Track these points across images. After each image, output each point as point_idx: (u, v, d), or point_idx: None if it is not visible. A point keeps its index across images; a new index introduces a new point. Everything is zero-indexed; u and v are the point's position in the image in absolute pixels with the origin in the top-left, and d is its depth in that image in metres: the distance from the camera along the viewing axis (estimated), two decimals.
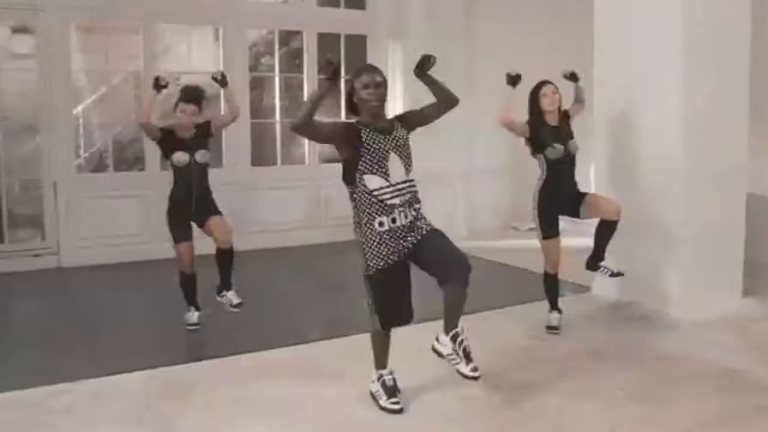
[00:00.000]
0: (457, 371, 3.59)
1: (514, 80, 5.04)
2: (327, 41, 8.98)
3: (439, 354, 3.70)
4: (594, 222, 5.12)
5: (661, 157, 5.50)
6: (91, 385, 4.18)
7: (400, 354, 3.97)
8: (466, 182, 9.35)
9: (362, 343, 4.09)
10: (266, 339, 5.01)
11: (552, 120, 5.03)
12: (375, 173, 3.61)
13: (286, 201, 8.62)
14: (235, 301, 5.20)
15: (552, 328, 5.11)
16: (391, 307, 3.73)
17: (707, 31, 5.41)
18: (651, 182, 5.59)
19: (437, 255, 3.66)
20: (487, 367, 4.28)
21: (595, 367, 4.46)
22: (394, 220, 3.64)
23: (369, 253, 3.68)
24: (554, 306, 5.19)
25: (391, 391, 3.82)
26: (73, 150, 7.88)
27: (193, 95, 5.16)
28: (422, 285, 3.80)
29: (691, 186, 5.45)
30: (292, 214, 8.66)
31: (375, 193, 3.62)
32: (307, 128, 3.59)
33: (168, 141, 5.15)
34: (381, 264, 3.66)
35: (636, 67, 5.65)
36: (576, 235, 6.00)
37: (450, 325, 3.62)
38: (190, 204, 5.16)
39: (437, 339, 3.72)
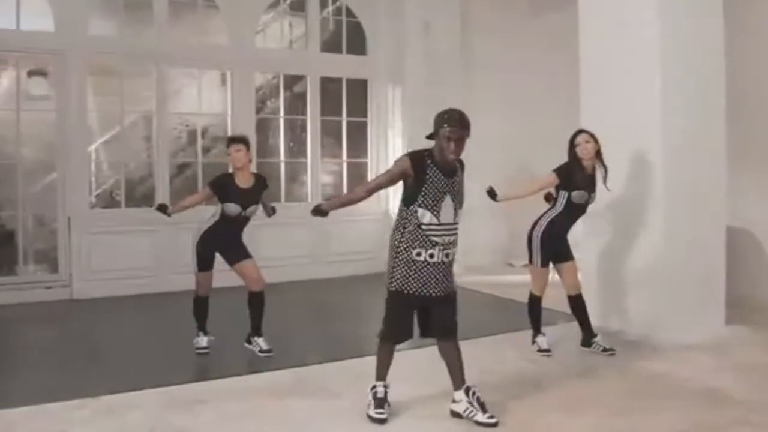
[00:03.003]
0: (475, 422, 3.99)
1: (491, 195, 5.42)
2: (329, 85, 9.42)
3: (458, 415, 4.08)
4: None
5: (643, 193, 5.85)
6: (106, 400, 4.44)
7: (400, 371, 4.26)
8: (464, 220, 9.61)
9: (359, 366, 4.41)
10: (271, 362, 5.30)
11: (588, 168, 5.34)
12: (428, 210, 3.97)
13: (289, 237, 8.93)
14: (265, 347, 5.49)
15: (544, 351, 5.39)
16: (400, 326, 4.08)
17: (684, 72, 5.80)
18: (635, 219, 5.93)
19: (442, 319, 4.07)
20: (482, 386, 4.60)
21: (582, 385, 4.74)
22: (431, 255, 3.99)
23: (397, 274, 4.03)
24: (539, 329, 5.49)
25: (380, 402, 4.10)
26: (86, 187, 8.23)
27: (239, 138, 5.52)
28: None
29: (672, 221, 5.78)
30: (295, 250, 8.97)
31: (423, 227, 3.98)
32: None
33: (226, 187, 5.41)
34: (405, 289, 4.00)
35: (617, 109, 6.02)
36: None
37: (458, 382, 4.08)
38: (224, 242, 5.46)
39: (453, 400, 4.12)
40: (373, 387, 4.15)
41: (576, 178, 5.27)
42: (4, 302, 7.26)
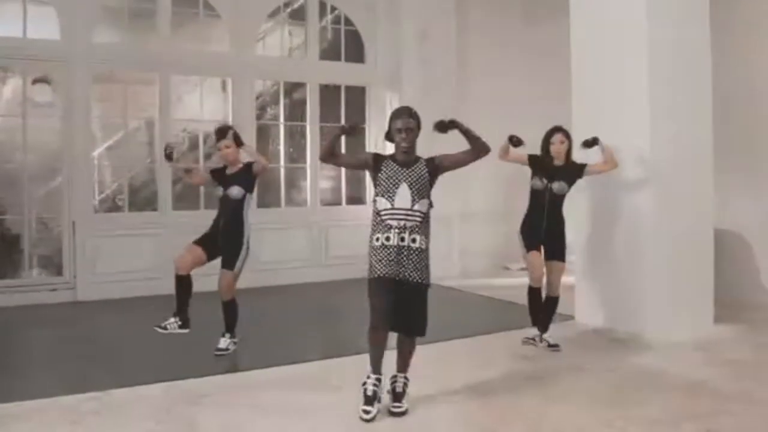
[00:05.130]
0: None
1: (515, 143, 5.55)
2: (328, 92, 9.62)
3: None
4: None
5: (632, 194, 6.04)
6: (115, 393, 4.61)
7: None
8: (461, 225, 9.84)
9: (356, 362, 4.58)
10: (272, 358, 5.45)
11: (558, 161, 5.66)
12: (383, 197, 4.26)
13: (289, 241, 9.14)
14: (222, 345, 5.59)
15: (553, 346, 5.57)
16: (380, 310, 4.17)
17: (672, 75, 6.01)
18: (625, 219, 6.11)
19: (408, 312, 4.21)
20: (477, 380, 4.80)
21: (574, 379, 4.92)
22: (387, 239, 4.21)
23: (370, 262, 4.28)
24: (537, 323, 5.67)
25: (368, 400, 4.18)
26: (90, 191, 8.41)
27: (221, 132, 5.71)
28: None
29: (661, 222, 5.97)
30: (294, 254, 9.16)
31: (381, 212, 4.27)
32: (330, 161, 4.45)
33: (217, 176, 5.75)
34: (376, 273, 4.21)
35: (608, 112, 6.22)
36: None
37: (400, 368, 4.33)
38: (218, 226, 5.67)
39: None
40: (364, 382, 4.24)
41: (539, 167, 5.63)
42: (11, 304, 7.45)
